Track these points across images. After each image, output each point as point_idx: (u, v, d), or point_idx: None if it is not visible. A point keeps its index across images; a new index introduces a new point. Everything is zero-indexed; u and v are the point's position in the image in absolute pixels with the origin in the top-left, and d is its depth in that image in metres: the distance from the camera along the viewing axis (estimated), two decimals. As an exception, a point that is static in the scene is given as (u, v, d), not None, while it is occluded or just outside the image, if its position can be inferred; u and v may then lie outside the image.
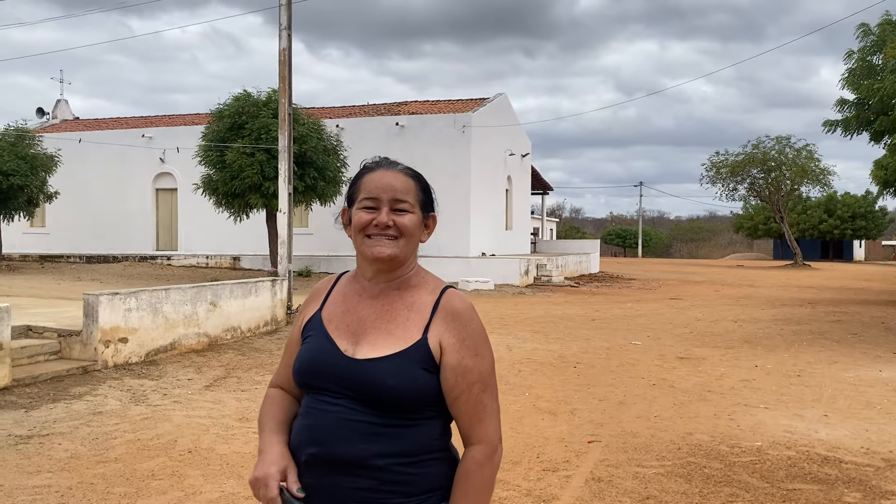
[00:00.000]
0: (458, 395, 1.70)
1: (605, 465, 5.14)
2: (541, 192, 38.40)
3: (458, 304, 1.76)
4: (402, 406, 1.67)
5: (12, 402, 6.59)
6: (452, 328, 1.72)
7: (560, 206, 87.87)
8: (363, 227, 1.73)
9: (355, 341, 1.72)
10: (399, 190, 1.74)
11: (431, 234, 1.84)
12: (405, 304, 1.76)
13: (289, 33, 11.10)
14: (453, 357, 1.70)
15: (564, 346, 10.35)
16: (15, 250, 28.84)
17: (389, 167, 1.78)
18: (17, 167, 22.97)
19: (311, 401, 1.74)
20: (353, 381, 1.68)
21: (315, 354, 1.75)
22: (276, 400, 1.86)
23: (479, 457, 1.71)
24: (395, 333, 1.71)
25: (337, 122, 25.38)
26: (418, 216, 1.77)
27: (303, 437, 1.72)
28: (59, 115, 35.19)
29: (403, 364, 1.67)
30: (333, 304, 1.82)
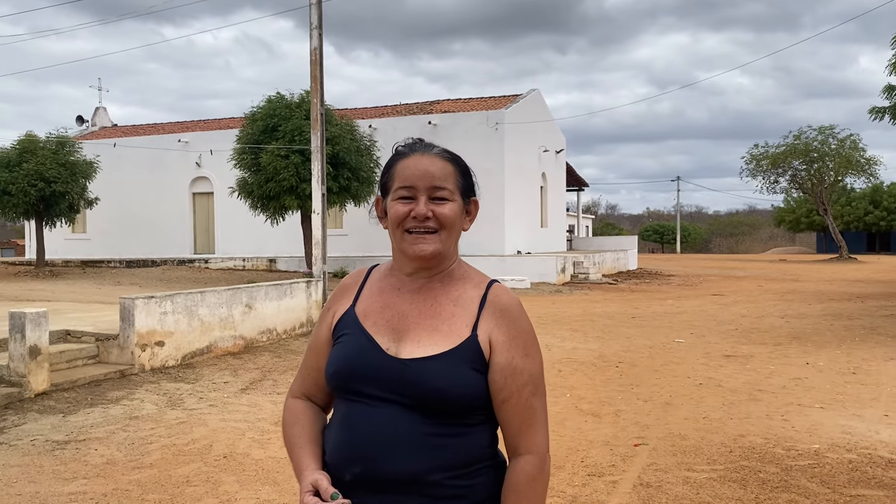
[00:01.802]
0: (507, 397, 1.54)
1: (653, 469, 4.92)
2: (576, 188, 38.00)
3: (507, 299, 1.60)
4: (451, 410, 1.51)
5: (51, 407, 6.58)
6: (502, 325, 1.56)
7: (595, 203, 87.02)
8: (401, 221, 1.56)
9: (397, 338, 1.56)
10: (437, 176, 1.56)
11: (474, 220, 1.67)
12: (450, 298, 1.59)
13: (319, 32, 11.02)
14: (503, 356, 1.54)
15: (605, 345, 10.10)
16: (58, 256, 29.38)
17: (425, 151, 1.60)
18: (59, 174, 23.36)
19: (348, 408, 1.57)
20: (398, 383, 1.51)
21: (354, 354, 1.57)
22: (302, 412, 1.68)
23: (531, 469, 1.55)
24: (441, 330, 1.55)
25: (370, 122, 25.34)
26: (459, 203, 1.59)
27: (344, 454, 1.54)
28: (97, 122, 35.76)
29: (454, 364, 1.51)
30: (368, 300, 1.65)
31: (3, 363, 6.85)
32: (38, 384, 6.80)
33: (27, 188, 22.87)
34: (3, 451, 5.34)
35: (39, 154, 23.55)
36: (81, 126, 35.64)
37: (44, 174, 23.04)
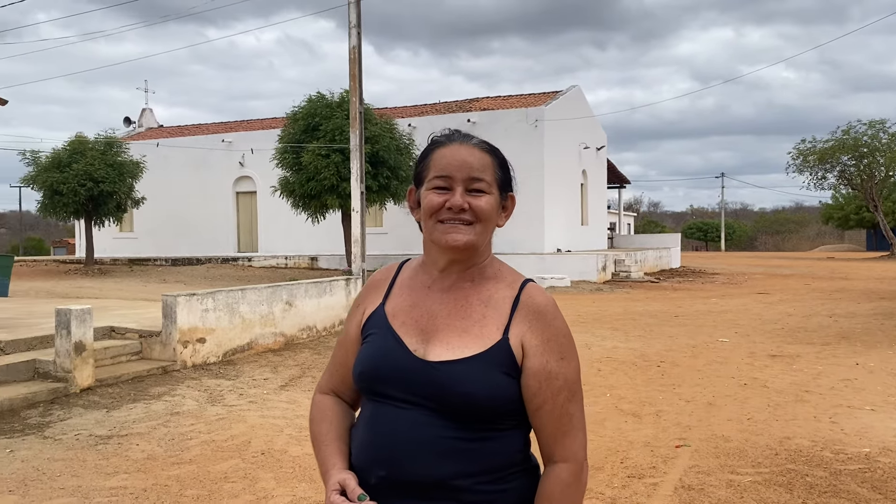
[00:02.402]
0: (542, 403, 1.48)
1: (695, 471, 4.80)
2: (617, 185, 37.57)
3: (542, 299, 1.53)
4: (480, 416, 1.45)
5: (95, 403, 6.70)
6: (536, 327, 1.50)
7: (637, 201, 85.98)
8: (435, 211, 1.50)
9: (425, 339, 1.51)
10: (475, 167, 1.51)
11: (510, 216, 1.61)
12: (481, 298, 1.54)
13: (358, 31, 11.04)
14: (537, 360, 1.48)
15: (646, 344, 9.94)
16: (106, 254, 30.08)
17: (463, 141, 1.54)
18: (107, 174, 23.89)
19: (375, 409, 1.52)
20: (425, 386, 1.46)
21: (381, 355, 1.53)
22: (330, 409, 1.64)
23: (566, 476, 1.48)
24: (471, 332, 1.49)
25: (409, 121, 25.38)
26: (496, 197, 1.53)
27: (369, 456, 1.50)
28: (144, 123, 36.49)
29: (483, 368, 1.46)
30: (398, 297, 1.60)
31: (50, 359, 7.00)
32: (83, 379, 6.93)
33: (77, 188, 23.44)
34: (49, 446, 5.45)
35: (88, 155, 24.11)
36: (129, 127, 36.41)
37: (92, 174, 23.59)
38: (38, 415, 6.27)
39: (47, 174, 23.88)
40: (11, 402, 6.35)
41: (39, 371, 7.03)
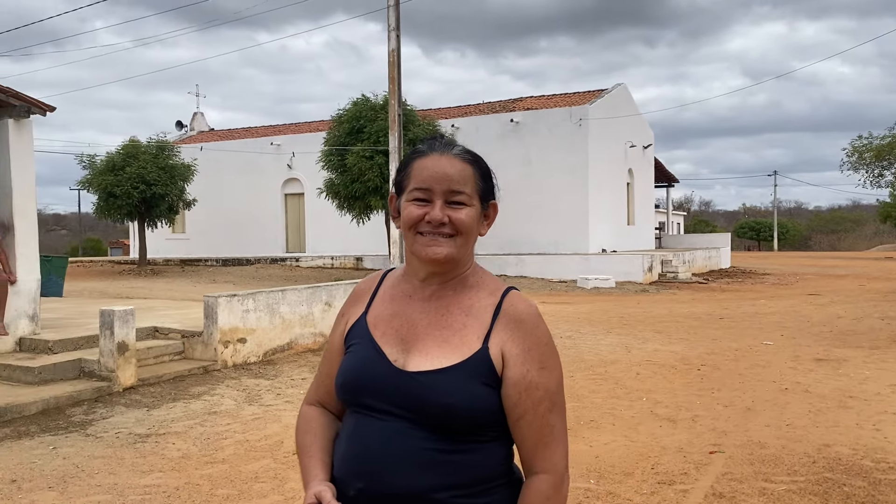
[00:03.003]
0: (522, 414, 1.46)
1: (727, 478, 4.70)
2: (665, 184, 36.98)
3: (523, 307, 1.51)
4: (460, 427, 1.44)
5: (137, 401, 6.88)
6: (516, 336, 1.48)
7: (688, 199, 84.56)
8: (414, 224, 1.50)
9: (405, 349, 1.50)
10: (455, 180, 1.49)
11: (492, 224, 1.60)
12: (462, 307, 1.52)
13: (397, 34, 11.11)
14: (517, 370, 1.46)
15: (688, 347, 9.76)
16: (159, 255, 30.85)
17: (444, 151, 1.52)
18: (159, 177, 24.52)
19: (355, 420, 1.52)
20: (404, 397, 1.45)
21: (361, 366, 1.52)
22: (315, 420, 1.64)
23: (545, 488, 1.47)
24: (451, 341, 1.48)
25: (452, 121, 25.42)
26: (476, 209, 1.52)
27: (348, 468, 1.50)
28: (196, 126, 37.29)
29: (462, 378, 1.44)
30: (379, 307, 1.59)
31: (95, 358, 7.22)
32: (125, 379, 7.13)
33: (130, 190, 24.10)
34: (90, 443, 5.62)
35: (141, 158, 24.77)
36: (181, 131, 37.27)
37: (145, 177, 24.23)
38: (83, 413, 6.47)
39: (102, 177, 24.61)
40: (58, 400, 6.57)
41: (85, 370, 7.25)
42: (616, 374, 8.02)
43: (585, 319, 12.93)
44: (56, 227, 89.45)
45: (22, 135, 7.81)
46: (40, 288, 15.34)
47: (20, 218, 7.87)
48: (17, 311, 7.78)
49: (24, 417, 6.24)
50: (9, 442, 5.65)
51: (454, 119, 25.84)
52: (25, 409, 6.31)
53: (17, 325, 7.80)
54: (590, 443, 5.52)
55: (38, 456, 5.29)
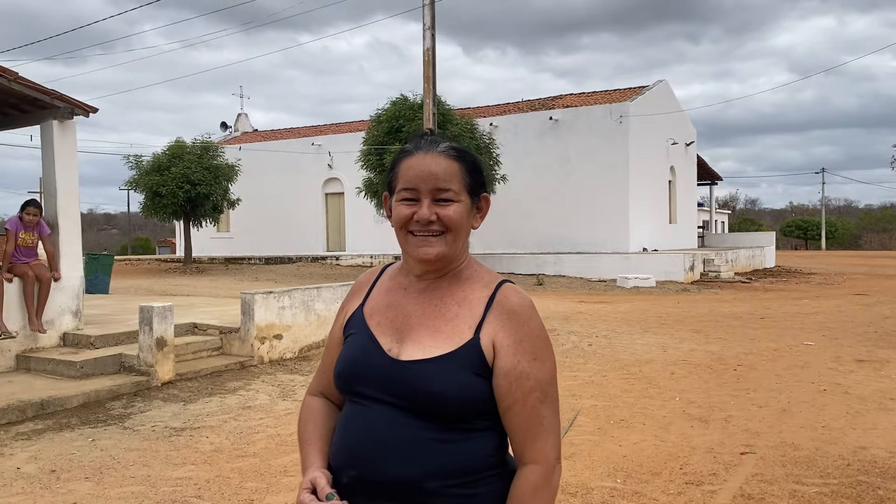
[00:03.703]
0: (511, 404, 1.48)
1: (757, 480, 4.63)
2: (708, 182, 36.39)
3: (516, 299, 1.53)
4: (451, 416, 1.46)
5: (174, 396, 7.04)
6: (508, 327, 1.50)
7: (733, 198, 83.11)
8: (404, 223, 1.54)
9: (399, 339, 1.54)
10: (440, 178, 1.51)
11: (485, 217, 1.62)
12: (456, 298, 1.55)
13: (432, 33, 11.15)
14: (508, 360, 1.48)
15: (725, 347, 9.61)
16: (204, 253, 31.45)
17: (429, 149, 1.54)
18: (203, 177, 24.99)
19: (351, 409, 1.57)
20: (397, 386, 1.48)
21: (357, 355, 1.56)
22: (316, 410, 1.68)
23: (535, 479, 1.48)
24: (443, 331, 1.51)
25: (491, 120, 25.39)
26: (465, 204, 1.54)
27: (342, 456, 1.54)
28: (240, 127, 37.91)
29: (453, 367, 1.47)
30: (376, 299, 1.64)
31: (135, 353, 7.41)
32: (164, 373, 7.30)
33: (175, 190, 24.61)
34: (127, 436, 5.77)
35: (186, 158, 25.27)
36: (225, 131, 37.93)
37: (190, 177, 24.71)
38: (122, 406, 6.64)
39: (148, 177, 25.18)
40: (98, 393, 6.76)
41: (125, 365, 7.44)
42: (650, 374, 7.94)
43: (623, 319, 12.81)
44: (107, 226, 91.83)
45: (66, 136, 8.05)
46: (87, 285, 15.81)
47: (64, 217, 8.11)
48: (60, 307, 8.02)
49: (65, 410, 6.43)
50: (50, 433, 5.84)
51: (492, 118, 25.81)
52: (67, 402, 6.51)
53: (61, 320, 8.03)
54: (619, 442, 5.48)
55: (78, 447, 5.46)
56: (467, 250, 1.63)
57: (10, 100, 7.91)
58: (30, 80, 7.48)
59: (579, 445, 5.38)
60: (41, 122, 8.09)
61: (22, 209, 7.65)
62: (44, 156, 8.10)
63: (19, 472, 4.88)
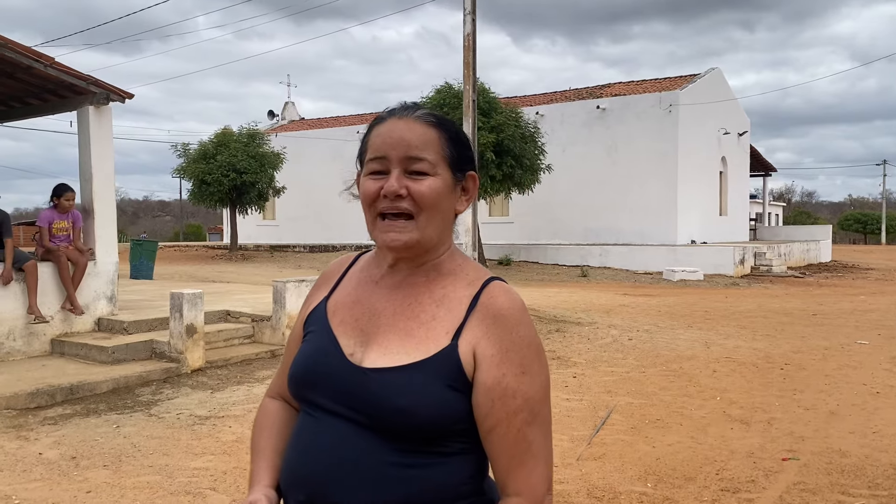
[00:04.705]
0: (494, 425, 1.24)
1: (799, 488, 4.33)
2: (762, 173, 35.34)
3: (504, 301, 1.28)
4: (419, 436, 1.23)
5: (203, 384, 7.00)
6: (493, 334, 1.25)
7: (789, 190, 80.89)
8: (371, 201, 1.29)
9: (364, 342, 1.30)
10: (413, 144, 1.28)
11: (472, 200, 1.37)
12: (433, 297, 1.31)
13: (472, 18, 10.91)
14: (490, 374, 1.24)
15: (773, 345, 9.21)
16: (250, 241, 31.83)
17: (403, 114, 1.32)
18: (249, 165, 25.22)
19: (304, 421, 1.34)
20: (356, 397, 1.25)
21: (313, 358, 1.34)
22: (273, 416, 1.47)
23: None
24: (414, 335, 1.28)
25: (537, 109, 25.02)
26: (444, 179, 1.30)
27: (290, 477, 1.32)
28: (286, 116, 38.18)
29: (423, 379, 1.23)
30: (343, 292, 1.41)
31: (166, 340, 7.40)
32: (193, 361, 7.27)
33: (221, 178, 24.90)
34: (151, 423, 5.73)
35: (232, 147, 25.52)
36: (272, 120, 38.28)
37: (236, 165, 24.96)
38: (150, 393, 6.63)
39: (195, 165, 25.52)
40: (127, 379, 6.76)
41: (156, 351, 7.44)
42: (691, 371, 7.63)
43: (667, 313, 12.45)
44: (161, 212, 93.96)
45: (102, 121, 8.07)
46: (132, 271, 16.04)
47: (99, 202, 8.14)
48: (95, 292, 8.07)
49: (94, 395, 6.44)
50: (77, 419, 5.83)
51: (539, 106, 25.44)
52: (97, 388, 6.52)
53: (96, 305, 8.08)
54: (652, 443, 5.22)
55: (102, 434, 5.43)
56: (451, 238, 1.38)
57: (48, 85, 7.96)
58: (65, 65, 7.50)
59: (610, 445, 5.15)
60: (78, 108, 8.13)
61: (57, 195, 7.70)
62: (80, 141, 8.14)
63: (40, 458, 4.86)
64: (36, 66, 7.35)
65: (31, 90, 8.23)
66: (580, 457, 4.90)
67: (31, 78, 7.73)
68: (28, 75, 7.65)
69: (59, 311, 7.76)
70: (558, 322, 10.97)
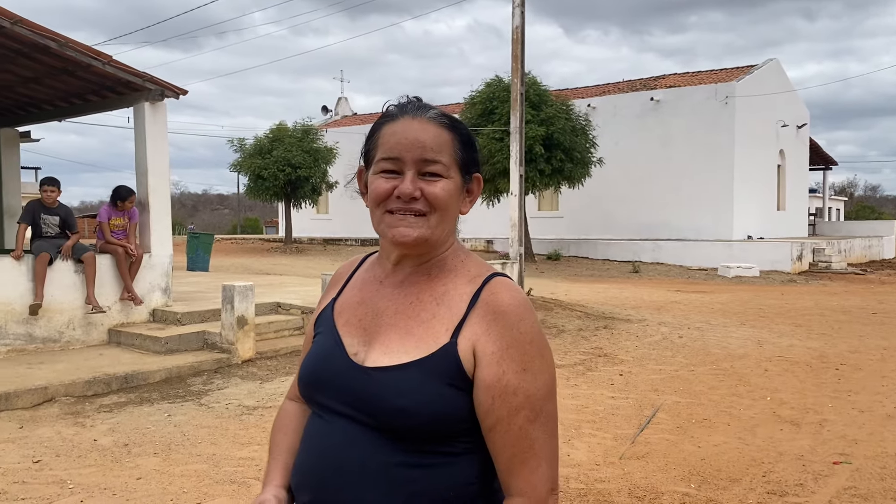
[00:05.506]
0: (495, 423, 1.23)
1: (850, 494, 4.21)
2: (822, 167, 34.28)
3: (506, 297, 1.27)
4: (422, 435, 1.23)
5: (252, 374, 7.15)
6: (493, 330, 1.24)
7: (851, 184, 78.26)
8: (382, 200, 1.29)
9: (367, 341, 1.31)
10: (429, 146, 1.28)
11: (475, 201, 1.37)
12: (434, 295, 1.31)
13: (522, 10, 10.84)
14: (490, 371, 1.23)
15: (828, 344, 8.95)
16: (305, 234, 32.29)
17: (417, 114, 1.31)
18: (303, 160, 25.59)
19: (312, 423, 1.36)
20: (358, 397, 1.26)
21: (319, 359, 1.35)
22: (290, 417, 1.49)
23: None
24: (414, 333, 1.28)
25: (589, 101, 24.74)
26: (455, 182, 1.31)
27: (298, 478, 1.34)
28: (339, 111, 38.56)
29: (422, 377, 1.23)
30: (349, 293, 1.42)
31: (217, 331, 7.57)
32: (244, 351, 7.43)
33: (277, 173, 25.32)
34: (202, 413, 5.88)
35: (286, 142, 25.92)
36: (326, 115, 38.71)
37: (290, 160, 25.35)
38: (201, 383, 6.80)
39: (251, 160, 26.00)
40: (180, 369, 6.95)
41: (208, 342, 7.63)
42: (741, 370, 7.47)
43: (720, 310, 12.21)
44: (220, 206, 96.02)
45: (156, 117, 8.29)
46: (188, 263, 16.45)
47: (154, 196, 8.37)
48: (150, 284, 8.31)
49: (148, 385, 6.64)
50: (131, 407, 6.02)
51: (591, 98, 25.15)
52: (150, 377, 6.72)
53: (151, 297, 8.32)
54: (698, 443, 5.14)
55: (153, 422, 5.60)
56: (454, 236, 1.38)
57: (106, 82, 8.21)
58: (122, 62, 7.72)
59: (654, 445, 5.08)
60: (134, 104, 8.37)
61: (121, 199, 7.94)
62: (136, 136, 8.37)
63: (95, 444, 5.04)
64: (95, 63, 7.59)
65: (91, 87, 8.50)
66: (623, 455, 4.85)
67: (91, 75, 7.99)
68: (88, 73, 7.91)
69: (117, 301, 8.01)
70: (606, 319, 10.85)
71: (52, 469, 4.55)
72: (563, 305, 11.57)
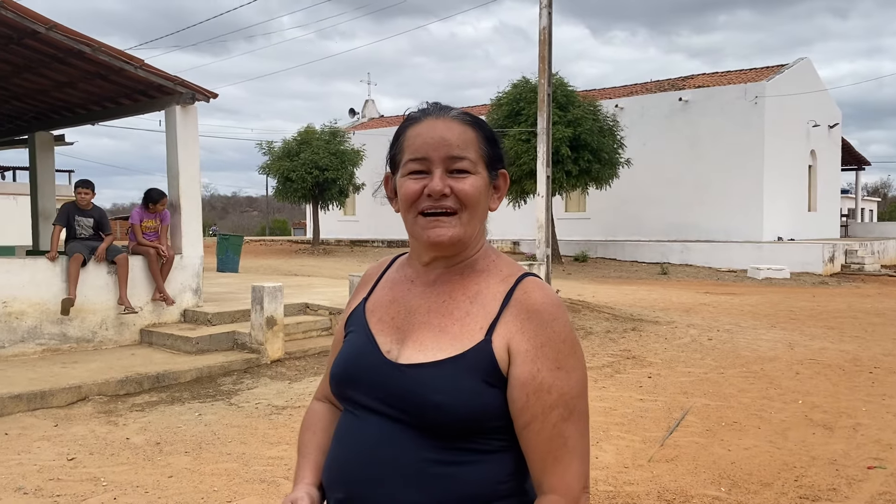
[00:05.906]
0: (529, 421, 1.24)
1: (884, 499, 4.14)
2: (854, 167, 33.72)
3: (539, 296, 1.30)
4: (456, 432, 1.24)
5: (281, 374, 7.22)
6: (527, 329, 1.26)
7: (885, 184, 76.83)
8: (413, 201, 1.31)
9: (400, 339, 1.33)
10: (455, 144, 1.30)
11: (503, 197, 1.39)
12: (467, 294, 1.33)
13: (549, 12, 10.82)
14: (525, 368, 1.24)
15: (862, 347, 8.80)
16: (332, 236, 32.49)
17: (440, 114, 1.34)
18: (330, 162, 25.76)
19: (345, 419, 1.37)
20: (392, 394, 1.27)
21: (353, 357, 1.37)
22: (318, 416, 1.51)
23: None
24: (449, 331, 1.30)
25: (616, 101, 24.59)
26: (483, 178, 1.33)
27: (331, 475, 1.35)
28: (366, 114, 38.75)
29: (458, 374, 1.24)
30: (380, 292, 1.44)
31: (247, 331, 7.65)
32: (273, 352, 7.50)
33: (305, 175, 25.52)
34: (231, 412, 5.95)
35: (314, 144, 26.11)
36: (353, 118, 38.93)
37: (318, 162, 25.54)
38: (231, 382, 6.88)
39: (280, 163, 26.25)
40: (210, 369, 7.03)
41: (238, 342, 7.71)
42: (772, 373, 7.38)
43: (750, 312, 12.06)
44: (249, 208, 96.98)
45: (188, 120, 8.40)
46: (218, 264, 16.63)
47: (185, 198, 8.49)
48: (181, 284, 8.42)
49: (179, 384, 6.73)
50: (162, 406, 6.11)
51: (618, 99, 25.01)
52: (181, 377, 6.81)
53: (182, 298, 8.43)
54: (728, 446, 5.08)
55: (184, 421, 5.68)
56: (484, 236, 1.41)
57: (139, 86, 8.34)
58: (154, 66, 7.84)
59: (684, 448, 5.04)
60: (166, 108, 8.50)
61: (153, 201, 8.06)
62: (168, 139, 8.50)
63: (127, 443, 5.12)
64: (127, 68, 7.72)
65: (123, 91, 8.65)
66: (652, 458, 4.82)
67: (123, 79, 8.12)
68: (120, 77, 8.04)
69: (149, 302, 8.14)
70: (634, 321, 10.78)
71: (85, 466, 4.63)
72: (590, 307, 11.51)
